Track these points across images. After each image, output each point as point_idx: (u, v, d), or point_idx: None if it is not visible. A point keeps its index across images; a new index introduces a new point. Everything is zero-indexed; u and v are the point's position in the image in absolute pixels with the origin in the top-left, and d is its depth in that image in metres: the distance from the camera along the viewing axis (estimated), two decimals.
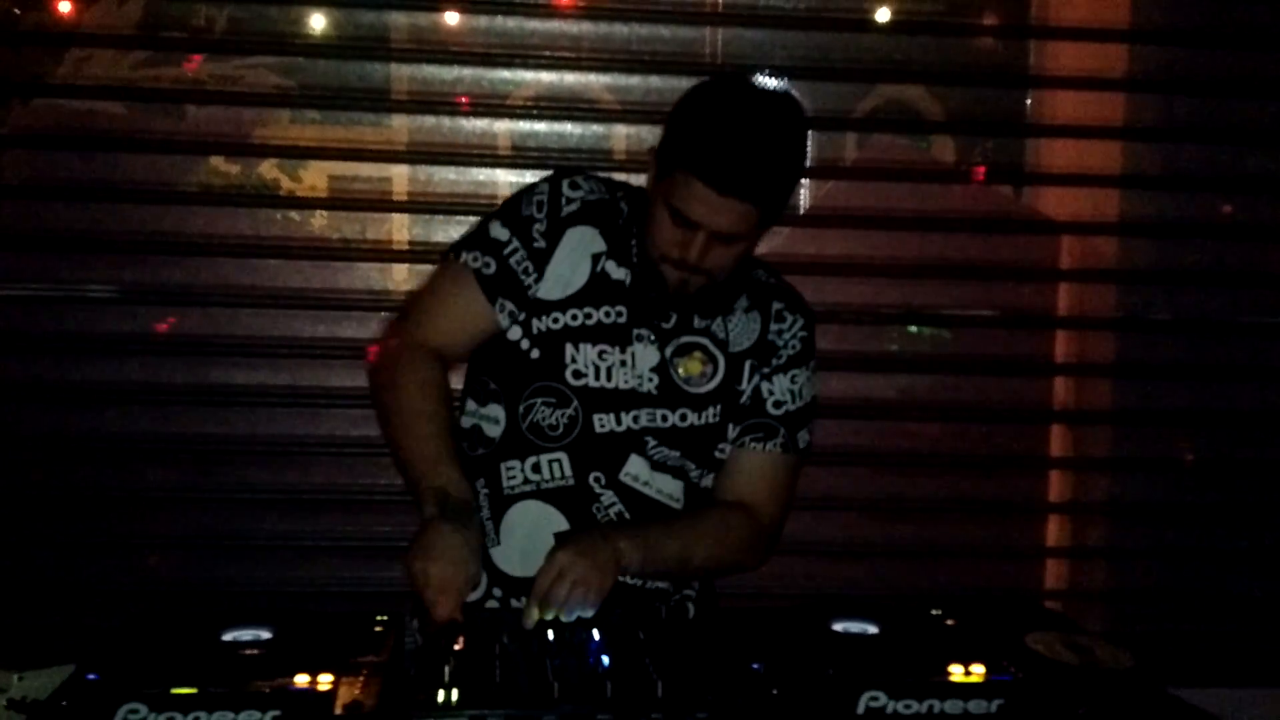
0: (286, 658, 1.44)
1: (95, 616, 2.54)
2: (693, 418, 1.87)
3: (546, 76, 2.78)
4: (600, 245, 1.86)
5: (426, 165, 2.80)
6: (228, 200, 2.77)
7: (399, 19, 2.77)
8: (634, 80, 2.79)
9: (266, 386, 2.74)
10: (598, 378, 1.83)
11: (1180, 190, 2.89)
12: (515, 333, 1.86)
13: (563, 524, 1.84)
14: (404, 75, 2.80)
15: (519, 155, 2.78)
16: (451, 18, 2.78)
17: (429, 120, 2.80)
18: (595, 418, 1.84)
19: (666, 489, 1.88)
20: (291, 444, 2.75)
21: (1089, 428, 2.99)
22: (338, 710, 1.33)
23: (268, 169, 2.83)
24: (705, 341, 1.88)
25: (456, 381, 1.94)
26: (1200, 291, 2.91)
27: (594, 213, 1.87)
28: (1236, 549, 2.94)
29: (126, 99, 2.75)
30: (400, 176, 2.85)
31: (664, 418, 1.86)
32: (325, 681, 1.37)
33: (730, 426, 1.91)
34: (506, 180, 2.81)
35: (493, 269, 1.84)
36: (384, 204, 2.85)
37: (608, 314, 1.84)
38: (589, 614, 1.64)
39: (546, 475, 1.85)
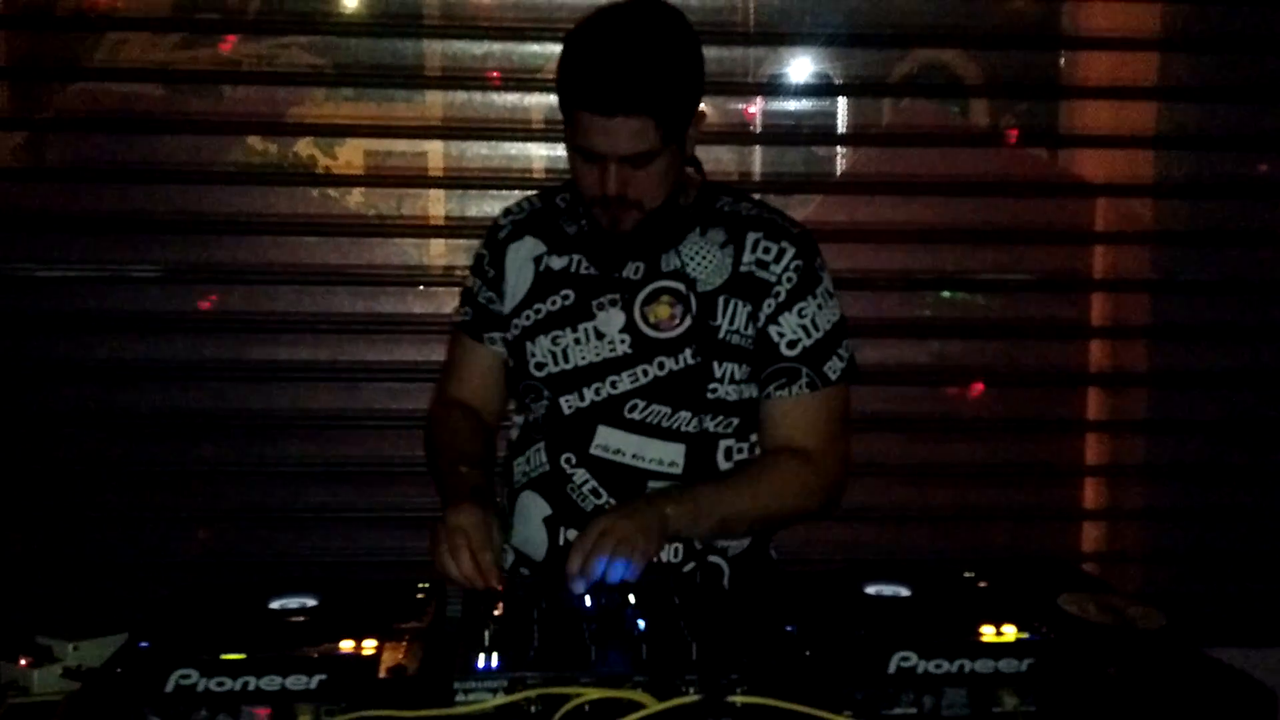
0: (331, 624, 1.47)
1: (146, 587, 2.59)
2: (670, 364, 1.87)
3: None
4: (540, 249, 1.96)
5: (460, 140, 2.82)
6: (266, 179, 2.80)
7: None
8: None
9: (307, 361, 2.78)
10: (557, 362, 1.90)
11: (1216, 150, 2.86)
12: (504, 353, 1.98)
13: (546, 510, 1.90)
14: (436, 51, 2.82)
15: (551, 129, 2.79)
16: None
17: (462, 96, 2.82)
18: (562, 400, 1.90)
19: (656, 455, 1.88)
20: (333, 417, 2.79)
21: (1125, 390, 2.98)
22: (381, 674, 1.36)
23: (304, 147, 2.87)
24: (673, 284, 1.88)
25: None
26: (1236, 252, 2.89)
27: (527, 225, 1.99)
28: (1273, 509, 2.93)
29: (164, 81, 2.79)
30: (434, 152, 2.87)
31: (644, 372, 1.87)
32: (369, 646, 1.40)
33: (722, 371, 1.87)
34: (540, 154, 2.84)
35: (471, 314, 2.02)
36: (419, 179, 2.88)
37: (554, 302, 1.92)
38: (632, 576, 1.63)
39: (533, 465, 1.94)
